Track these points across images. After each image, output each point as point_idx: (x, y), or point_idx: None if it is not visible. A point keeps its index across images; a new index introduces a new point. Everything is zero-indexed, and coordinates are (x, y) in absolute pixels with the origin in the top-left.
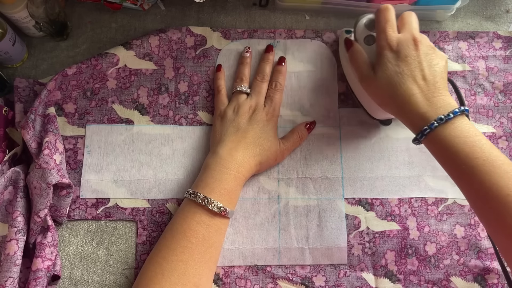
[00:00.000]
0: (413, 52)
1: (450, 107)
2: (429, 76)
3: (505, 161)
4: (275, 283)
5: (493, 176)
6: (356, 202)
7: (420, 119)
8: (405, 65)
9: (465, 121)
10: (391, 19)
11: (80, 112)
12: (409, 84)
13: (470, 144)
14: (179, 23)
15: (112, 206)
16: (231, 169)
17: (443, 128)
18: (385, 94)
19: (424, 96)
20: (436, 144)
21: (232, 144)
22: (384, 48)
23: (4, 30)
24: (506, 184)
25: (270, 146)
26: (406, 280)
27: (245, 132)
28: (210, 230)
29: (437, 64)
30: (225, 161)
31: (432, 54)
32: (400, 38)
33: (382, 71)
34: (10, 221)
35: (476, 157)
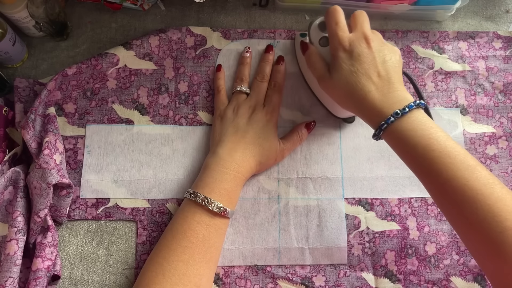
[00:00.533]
0: (365, 50)
1: (405, 101)
2: (383, 72)
3: (460, 151)
4: (275, 283)
5: (449, 167)
6: (356, 202)
7: (377, 115)
8: (359, 64)
9: (421, 114)
10: (340, 20)
11: (80, 112)
12: (364, 82)
13: (426, 136)
14: (179, 23)
15: (112, 206)
16: (231, 169)
17: (399, 122)
18: (343, 93)
19: (379, 93)
20: (394, 138)
21: (232, 144)
22: (337, 49)
23: (4, 30)
24: (462, 174)
25: (270, 146)
26: (406, 280)
27: (244, 132)
28: (211, 230)
29: (390, 60)
30: (225, 161)
31: (385, 49)
32: (352, 37)
33: (337, 71)
34: (10, 221)
35: (432, 149)
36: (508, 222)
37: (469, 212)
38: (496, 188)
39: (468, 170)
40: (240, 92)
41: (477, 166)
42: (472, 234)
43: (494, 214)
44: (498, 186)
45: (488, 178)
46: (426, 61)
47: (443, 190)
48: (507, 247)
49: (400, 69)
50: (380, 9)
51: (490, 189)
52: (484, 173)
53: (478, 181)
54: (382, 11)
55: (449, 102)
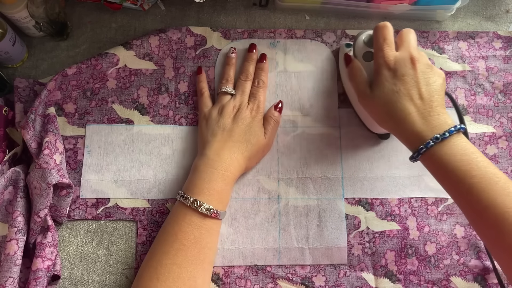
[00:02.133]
0: (410, 70)
1: (446, 126)
2: (426, 94)
3: (501, 177)
4: (275, 283)
5: (490, 193)
6: (356, 202)
7: (416, 138)
8: (402, 84)
9: (461, 139)
10: (388, 37)
11: (80, 112)
12: (405, 103)
13: (466, 162)
14: (179, 23)
15: (112, 206)
16: (219, 169)
17: (439, 147)
18: (382, 112)
19: (420, 115)
20: (432, 162)
21: (219, 144)
22: (382, 66)
23: (4, 30)
24: (503, 201)
25: (257, 140)
26: (406, 280)
27: (230, 131)
28: (202, 231)
29: (434, 83)
30: (213, 161)
31: (430, 72)
32: (398, 56)
33: (379, 89)
34: (10, 221)
35: (473, 175)
36: None
37: (508, 239)
38: None
39: (510, 196)
40: (225, 93)
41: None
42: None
43: None
44: None
45: None
46: None
47: (483, 217)
48: None
49: (443, 92)
50: (380, 9)
51: None
52: None
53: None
54: (382, 11)
55: (449, 102)
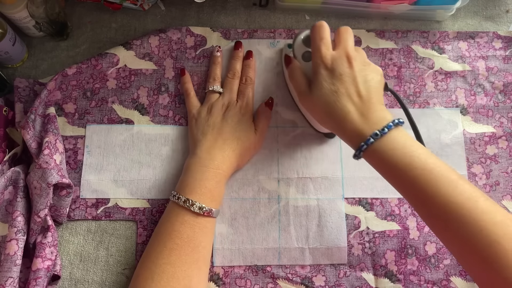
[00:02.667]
0: (347, 69)
1: (384, 121)
2: (364, 92)
3: (442, 167)
4: (275, 283)
5: (432, 183)
6: (356, 202)
7: (357, 136)
8: (340, 83)
9: (400, 133)
10: (325, 36)
11: (80, 112)
12: (344, 102)
13: (407, 155)
14: (179, 23)
15: (112, 206)
16: (211, 167)
17: (379, 143)
18: (322, 111)
19: (359, 113)
20: (375, 158)
21: (209, 142)
22: (319, 66)
23: (4, 30)
24: (445, 190)
25: (247, 137)
26: (406, 280)
27: (220, 129)
28: (195, 230)
29: (371, 80)
30: (204, 160)
31: (367, 69)
32: (334, 55)
33: (317, 89)
34: (10, 221)
35: (415, 167)
36: (494, 235)
37: (455, 227)
38: (480, 201)
39: (451, 185)
40: (213, 91)
41: (460, 180)
42: (460, 248)
43: (480, 228)
44: (481, 199)
45: (472, 191)
46: (426, 61)
47: (428, 207)
48: (496, 259)
49: (382, 89)
50: (380, 9)
51: (474, 203)
52: (468, 187)
53: (462, 195)
54: (382, 11)
55: (449, 102)
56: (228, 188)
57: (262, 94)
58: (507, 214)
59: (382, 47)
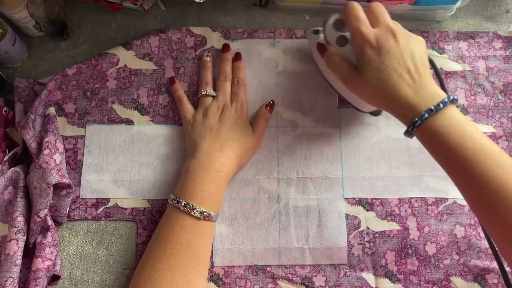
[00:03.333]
0: (393, 45)
1: (438, 97)
2: (413, 67)
3: (496, 150)
4: (275, 283)
5: (484, 166)
6: (356, 202)
7: (410, 111)
8: (389, 61)
9: (454, 111)
10: (361, 16)
11: (80, 112)
12: (396, 79)
13: (460, 134)
14: (179, 23)
15: (112, 206)
16: (211, 170)
17: (433, 119)
18: (373, 92)
19: (412, 89)
20: (427, 135)
21: (208, 144)
22: (364, 47)
23: (4, 30)
24: (497, 173)
25: (246, 138)
26: (406, 280)
27: (218, 131)
28: (195, 234)
29: (417, 52)
30: (204, 163)
31: (411, 42)
32: (377, 33)
33: (366, 70)
34: (10, 221)
35: (467, 147)
36: None
37: (503, 212)
38: None
39: (503, 169)
40: (206, 95)
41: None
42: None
43: None
44: None
45: None
46: None
47: (477, 190)
48: None
49: (427, 61)
50: None
51: None
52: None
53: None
54: None
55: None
56: (228, 188)
57: (263, 94)
58: None
59: None
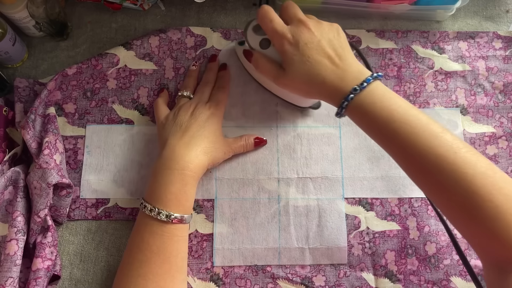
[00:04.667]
0: (308, 35)
1: (362, 76)
2: (332, 52)
3: (422, 119)
4: (275, 283)
5: (412, 136)
6: (356, 202)
7: (338, 94)
8: (308, 51)
9: (379, 86)
10: (274, 17)
11: (80, 112)
12: (318, 66)
13: (387, 108)
14: (179, 23)
15: (112, 206)
16: (175, 168)
17: (359, 98)
18: (302, 84)
19: (335, 73)
20: (356, 114)
21: (175, 141)
22: (283, 44)
23: (4, 30)
24: (425, 142)
25: (216, 137)
26: (406, 280)
27: (187, 126)
28: (164, 239)
29: (334, 38)
30: (169, 161)
31: (326, 29)
32: (292, 29)
33: (290, 65)
34: (10, 221)
35: (393, 120)
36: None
37: (436, 180)
38: (461, 152)
39: (431, 136)
40: (183, 96)
41: (441, 132)
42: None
43: (459, 179)
44: (463, 150)
45: (453, 143)
46: (426, 61)
47: (409, 160)
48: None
49: (346, 42)
50: (380, 9)
51: (453, 154)
52: (449, 138)
53: (441, 147)
54: (382, 11)
55: (449, 102)
56: (228, 188)
57: (263, 95)
58: (489, 165)
59: (382, 47)
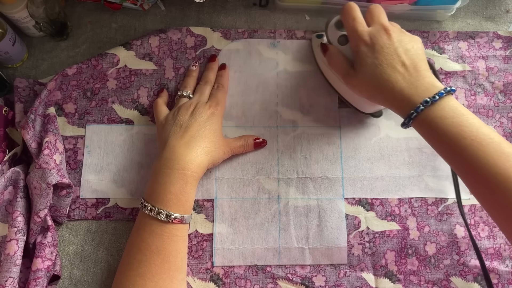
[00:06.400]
0: (386, 41)
1: (435, 89)
2: (408, 61)
3: (494, 139)
4: (275, 283)
5: (481, 155)
6: (356, 202)
7: (406, 104)
8: (383, 56)
9: (451, 101)
10: (357, 16)
11: (80, 112)
12: (390, 72)
13: (457, 124)
14: (179, 23)
15: (112, 206)
16: (175, 169)
17: (429, 111)
18: (370, 88)
19: (407, 82)
20: (424, 126)
21: (175, 141)
22: (359, 44)
23: (4, 30)
24: (495, 162)
25: (216, 137)
26: (406, 280)
27: (187, 126)
28: (164, 239)
29: (412, 48)
30: (169, 161)
31: (405, 38)
32: (372, 31)
33: (362, 66)
34: (10, 221)
35: (464, 137)
36: None
37: (504, 201)
38: None
39: (502, 157)
40: (182, 96)
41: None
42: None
43: None
44: None
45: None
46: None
47: (476, 178)
48: None
49: (424, 56)
50: None
51: None
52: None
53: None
54: None
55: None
56: (228, 188)
57: (263, 94)
58: None
59: None
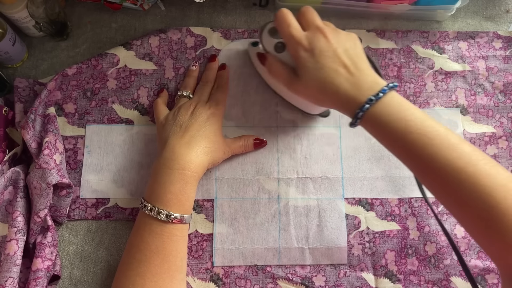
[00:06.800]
0: (325, 44)
1: (378, 86)
2: (348, 61)
3: (440, 130)
4: (275, 283)
5: (429, 147)
6: (356, 202)
7: (352, 104)
8: (324, 59)
9: (395, 97)
10: (292, 21)
11: (80, 112)
12: (333, 75)
13: (403, 119)
14: (179, 23)
15: (112, 206)
16: (175, 168)
17: (375, 108)
18: (315, 92)
19: (350, 83)
20: (372, 125)
21: (176, 141)
22: (298, 50)
23: (4, 30)
24: (443, 154)
25: (216, 137)
26: (406, 280)
27: (188, 126)
28: (164, 239)
29: (350, 47)
30: (169, 161)
31: (343, 37)
32: (308, 35)
33: (304, 72)
34: (10, 221)
35: (410, 131)
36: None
37: (455, 192)
38: (480, 164)
39: (449, 149)
40: (183, 96)
41: (460, 144)
42: (461, 211)
43: (479, 191)
44: (482, 162)
45: (471, 155)
46: (426, 61)
47: (426, 172)
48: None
49: (363, 53)
50: (380, 9)
51: (473, 166)
52: (467, 150)
53: (460, 159)
54: (382, 11)
55: (449, 102)
56: (228, 188)
57: (263, 94)
58: (509, 177)
59: (382, 47)
